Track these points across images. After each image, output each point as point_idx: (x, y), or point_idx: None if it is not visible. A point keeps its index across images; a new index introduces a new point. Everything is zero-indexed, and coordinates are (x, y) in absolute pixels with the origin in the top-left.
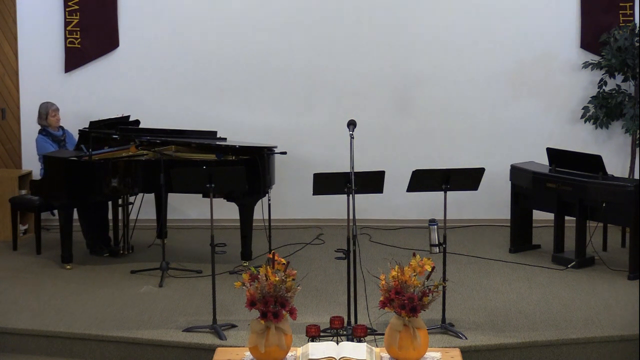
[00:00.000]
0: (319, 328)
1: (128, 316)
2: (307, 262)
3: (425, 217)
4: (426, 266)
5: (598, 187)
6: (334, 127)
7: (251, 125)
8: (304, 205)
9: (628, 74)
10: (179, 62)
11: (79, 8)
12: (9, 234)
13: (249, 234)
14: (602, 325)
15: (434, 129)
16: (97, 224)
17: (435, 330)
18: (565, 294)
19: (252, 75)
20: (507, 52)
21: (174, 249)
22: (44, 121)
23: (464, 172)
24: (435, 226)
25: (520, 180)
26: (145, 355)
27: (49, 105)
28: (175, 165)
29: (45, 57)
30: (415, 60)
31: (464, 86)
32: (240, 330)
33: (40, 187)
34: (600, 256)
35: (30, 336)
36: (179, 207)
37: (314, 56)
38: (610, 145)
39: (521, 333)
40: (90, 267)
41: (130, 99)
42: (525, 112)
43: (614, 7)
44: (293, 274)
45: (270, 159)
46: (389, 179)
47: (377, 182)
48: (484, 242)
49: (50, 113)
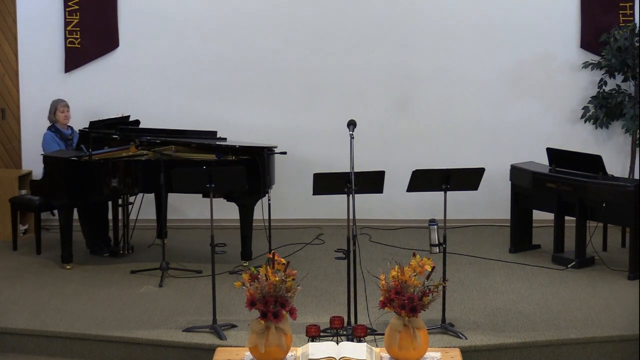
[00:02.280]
0: (319, 328)
1: (128, 316)
2: (307, 262)
3: (425, 217)
4: (426, 266)
5: (598, 187)
6: (334, 127)
7: (251, 125)
8: (304, 205)
9: (628, 74)
10: (178, 62)
11: (79, 8)
12: (9, 234)
13: (249, 234)
14: (602, 325)
15: (434, 129)
16: (97, 224)
17: (435, 330)
18: (565, 294)
19: (252, 75)
20: (507, 52)
21: (174, 249)
22: (52, 116)
23: (464, 172)
24: (435, 226)
25: (520, 180)
26: (145, 355)
27: (59, 101)
28: (175, 165)
29: (45, 57)
30: (415, 60)
31: (464, 86)
32: (240, 330)
33: (40, 187)
34: (600, 256)
35: (30, 336)
36: (179, 207)
37: (314, 56)
38: (610, 145)
39: (521, 333)
40: (90, 267)
41: (130, 99)
42: (525, 112)
43: (614, 7)
44: (293, 274)
45: (270, 159)
46: (389, 179)
47: (377, 182)
48: (484, 242)
49: (59, 108)
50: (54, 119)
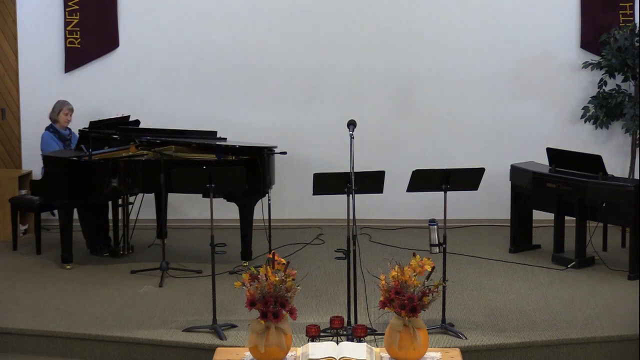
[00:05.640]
0: (319, 328)
1: (128, 316)
2: (307, 262)
3: (425, 217)
4: (426, 266)
5: (598, 187)
6: (334, 127)
7: (251, 125)
8: (304, 205)
9: (628, 74)
10: (178, 62)
11: (79, 8)
12: (9, 234)
13: (249, 234)
14: (602, 325)
15: (434, 129)
16: (97, 224)
17: (435, 330)
18: (565, 294)
19: (253, 75)
20: (507, 52)
21: (174, 249)
22: (55, 116)
23: (464, 172)
24: (435, 226)
25: (520, 180)
26: (145, 355)
27: (66, 103)
28: (175, 165)
29: (45, 57)
30: (415, 60)
31: (464, 86)
32: (240, 330)
33: (40, 187)
34: (600, 256)
35: (30, 336)
36: (179, 207)
37: (314, 56)
38: (610, 145)
39: (521, 333)
40: (90, 267)
41: (130, 99)
42: (525, 112)
43: (614, 7)
44: (293, 274)
45: (270, 159)
46: (389, 179)
47: (377, 182)
48: (484, 242)
49: (64, 110)
50: (55, 118)
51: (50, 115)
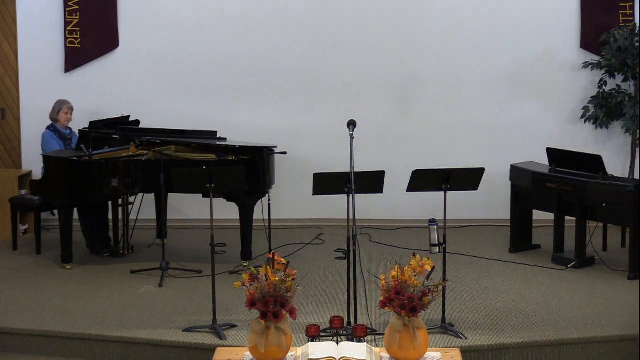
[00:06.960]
0: (319, 328)
1: (128, 316)
2: (307, 262)
3: (425, 217)
4: (426, 266)
5: (598, 187)
6: (334, 127)
7: (251, 125)
8: (304, 205)
9: (628, 74)
10: (178, 62)
11: (79, 8)
12: (9, 234)
13: (249, 234)
14: (602, 325)
15: (434, 129)
16: (97, 224)
17: (435, 330)
18: (565, 294)
19: (252, 75)
20: (507, 52)
21: (174, 249)
22: (55, 115)
23: (464, 172)
24: (435, 226)
25: (520, 180)
26: (145, 355)
27: (65, 102)
28: (175, 165)
29: (45, 57)
30: (415, 60)
31: (464, 86)
32: (240, 330)
33: (40, 187)
34: (600, 256)
35: (30, 336)
36: (179, 207)
37: (314, 56)
38: (610, 145)
39: (521, 333)
40: (90, 267)
41: (130, 99)
42: (525, 112)
43: (614, 7)
44: (293, 274)
45: (270, 159)
46: (389, 179)
47: (377, 182)
48: (484, 242)
49: (63, 109)
50: (55, 118)
51: (51, 115)
